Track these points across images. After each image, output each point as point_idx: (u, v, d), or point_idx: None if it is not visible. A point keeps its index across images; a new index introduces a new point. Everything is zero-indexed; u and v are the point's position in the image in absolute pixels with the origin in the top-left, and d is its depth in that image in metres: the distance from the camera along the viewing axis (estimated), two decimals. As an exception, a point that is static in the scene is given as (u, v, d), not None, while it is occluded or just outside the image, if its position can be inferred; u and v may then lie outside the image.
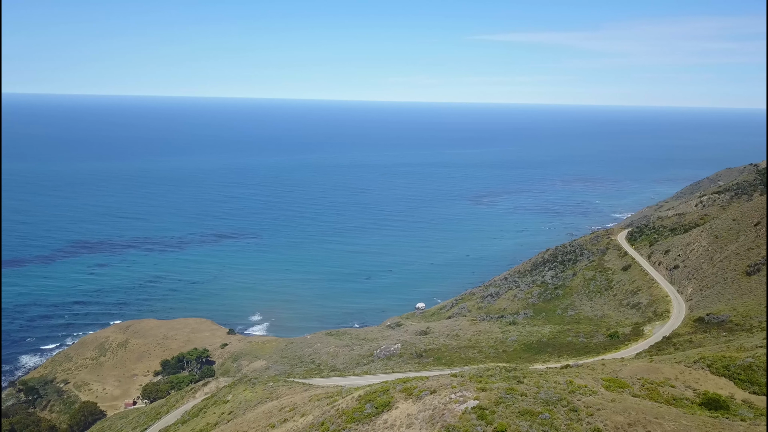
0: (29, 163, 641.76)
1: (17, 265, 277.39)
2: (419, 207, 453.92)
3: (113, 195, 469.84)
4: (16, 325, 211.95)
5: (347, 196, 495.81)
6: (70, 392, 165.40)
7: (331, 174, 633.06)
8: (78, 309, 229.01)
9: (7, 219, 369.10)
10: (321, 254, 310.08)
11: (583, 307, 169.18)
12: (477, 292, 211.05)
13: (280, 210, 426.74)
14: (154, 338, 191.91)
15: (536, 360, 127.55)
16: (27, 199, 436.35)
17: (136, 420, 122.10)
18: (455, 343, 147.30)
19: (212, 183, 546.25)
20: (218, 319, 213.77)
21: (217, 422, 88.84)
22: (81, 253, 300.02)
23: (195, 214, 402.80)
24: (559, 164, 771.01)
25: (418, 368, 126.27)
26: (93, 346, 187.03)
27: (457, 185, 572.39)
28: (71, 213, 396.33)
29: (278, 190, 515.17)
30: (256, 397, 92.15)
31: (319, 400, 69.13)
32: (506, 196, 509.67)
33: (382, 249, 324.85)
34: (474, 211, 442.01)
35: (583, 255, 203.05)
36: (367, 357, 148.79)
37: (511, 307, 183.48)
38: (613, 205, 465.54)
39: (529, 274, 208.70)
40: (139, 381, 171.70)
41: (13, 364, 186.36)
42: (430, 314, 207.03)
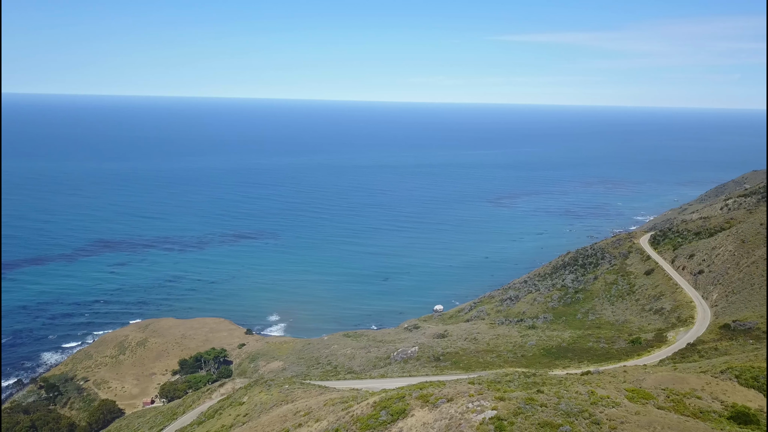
0: (52, 162, 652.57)
1: (40, 263, 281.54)
2: (438, 208, 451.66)
3: (134, 195, 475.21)
4: (38, 322, 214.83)
5: (366, 197, 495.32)
6: (90, 390, 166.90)
7: (349, 175, 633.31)
8: (98, 307, 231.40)
9: (31, 218, 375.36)
10: (339, 255, 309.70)
11: (605, 311, 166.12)
12: (496, 295, 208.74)
13: (298, 211, 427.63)
14: (173, 337, 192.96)
15: (556, 365, 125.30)
16: (50, 198, 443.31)
17: (153, 420, 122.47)
18: (473, 346, 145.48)
19: (231, 183, 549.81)
20: (236, 319, 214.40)
21: (232, 424, 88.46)
22: (102, 252, 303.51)
23: (214, 214, 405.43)
24: (581, 166, 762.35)
25: (435, 372, 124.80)
26: (113, 344, 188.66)
27: (476, 186, 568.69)
28: (93, 212, 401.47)
29: (297, 191, 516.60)
30: (271, 399, 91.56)
31: (334, 404, 68.17)
32: (526, 198, 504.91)
33: (400, 250, 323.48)
34: (493, 213, 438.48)
35: (604, 258, 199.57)
36: (384, 360, 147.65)
37: (530, 310, 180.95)
38: (635, 208, 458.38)
39: (549, 278, 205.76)
40: (158, 380, 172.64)
41: (35, 360, 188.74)
42: (448, 317, 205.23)
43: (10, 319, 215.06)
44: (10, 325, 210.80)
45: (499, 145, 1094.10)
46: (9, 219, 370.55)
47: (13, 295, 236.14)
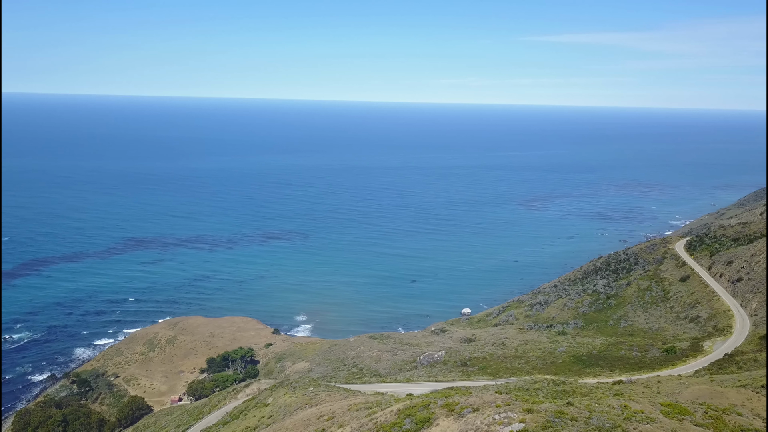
0: (85, 161, 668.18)
1: (75, 260, 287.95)
2: (468, 210, 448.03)
3: (165, 194, 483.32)
4: (71, 318, 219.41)
5: (394, 198, 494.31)
6: (120, 386, 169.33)
7: (378, 176, 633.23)
8: (129, 305, 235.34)
9: (66, 216, 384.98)
10: (367, 257, 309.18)
11: (638, 318, 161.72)
12: (525, 300, 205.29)
13: (327, 212, 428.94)
14: (201, 336, 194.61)
15: (586, 373, 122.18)
16: (84, 197, 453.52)
17: (179, 418, 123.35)
18: (501, 352, 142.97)
19: (261, 183, 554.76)
20: (264, 318, 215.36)
21: (256, 426, 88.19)
22: (133, 251, 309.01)
23: (244, 214, 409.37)
24: (614, 168, 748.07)
25: (461, 377, 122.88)
26: (142, 341, 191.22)
27: (507, 189, 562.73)
28: (125, 211, 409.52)
29: (325, 192, 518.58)
30: (295, 402, 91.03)
31: (358, 410, 67.14)
32: (557, 201, 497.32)
33: (428, 253, 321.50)
34: (524, 216, 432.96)
35: (637, 264, 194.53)
36: (410, 363, 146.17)
37: (560, 316, 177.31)
38: (670, 212, 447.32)
39: (580, 283, 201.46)
40: (186, 378, 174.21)
41: (67, 356, 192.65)
42: (475, 321, 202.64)
43: (45, 315, 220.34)
44: (45, 320, 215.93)
45: (529, 147, 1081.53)
46: (45, 217, 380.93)
47: (48, 292, 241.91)
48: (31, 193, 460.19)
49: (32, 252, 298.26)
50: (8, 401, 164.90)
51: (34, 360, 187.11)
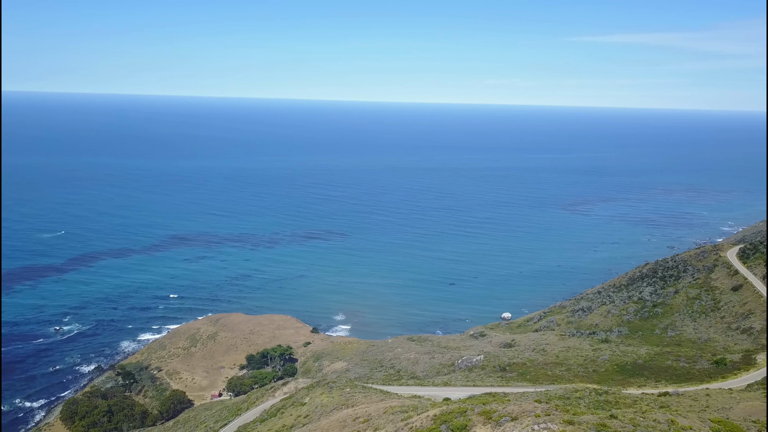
0: (130, 159, 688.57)
1: (121, 257, 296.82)
2: (509, 213, 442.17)
3: (208, 192, 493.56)
4: (118, 313, 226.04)
5: (434, 200, 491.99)
6: (162, 379, 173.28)
7: (419, 177, 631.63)
8: (172, 301, 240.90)
9: (112, 213, 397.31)
10: (405, 259, 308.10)
11: (686, 328, 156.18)
12: (567, 306, 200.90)
13: (366, 213, 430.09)
14: (241, 332, 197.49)
15: (630, 383, 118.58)
16: (130, 195, 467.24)
17: (218, 413, 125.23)
18: (541, 358, 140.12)
19: (302, 183, 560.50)
20: (302, 317, 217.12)
21: (293, 425, 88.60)
22: (177, 248, 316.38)
23: (284, 214, 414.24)
24: (662, 172, 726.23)
25: (500, 383, 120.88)
26: (185, 336, 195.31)
27: (549, 191, 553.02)
28: (169, 209, 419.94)
29: (365, 192, 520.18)
30: (332, 402, 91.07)
31: (394, 413, 66.49)
32: (602, 205, 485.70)
33: (468, 256, 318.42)
34: (567, 219, 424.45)
35: (686, 271, 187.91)
36: (448, 366, 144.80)
37: (603, 323, 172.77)
38: (721, 218, 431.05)
39: (625, 289, 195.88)
40: (226, 373, 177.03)
41: (113, 348, 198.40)
42: (515, 326, 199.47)
43: (93, 308, 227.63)
44: (92, 313, 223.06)
45: (574, 149, 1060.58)
46: (93, 214, 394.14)
47: (95, 287, 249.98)
48: (78, 190, 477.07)
49: (81, 247, 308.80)
50: (58, 390, 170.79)
51: (82, 351, 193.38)
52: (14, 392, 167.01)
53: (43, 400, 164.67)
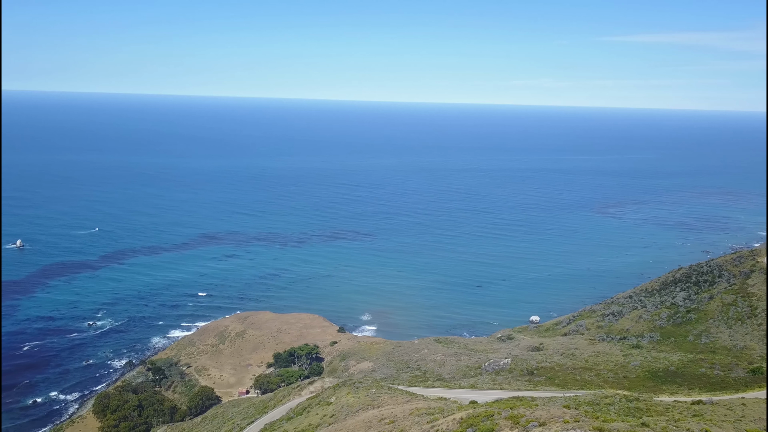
0: (161, 158, 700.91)
1: (152, 254, 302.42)
2: (538, 215, 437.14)
3: (237, 191, 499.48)
4: (149, 309, 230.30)
5: (462, 201, 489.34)
6: (191, 376, 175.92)
7: (447, 178, 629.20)
8: (202, 298, 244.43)
9: (144, 212, 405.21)
10: (433, 261, 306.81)
11: (720, 335, 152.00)
12: (597, 310, 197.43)
13: (393, 214, 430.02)
14: (269, 331, 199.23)
15: (662, 390, 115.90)
16: (161, 194, 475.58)
17: (245, 411, 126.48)
18: (570, 363, 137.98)
19: (330, 183, 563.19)
20: (329, 316, 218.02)
21: (318, 424, 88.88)
22: (207, 246, 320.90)
23: (313, 214, 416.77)
24: (697, 175, 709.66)
25: (528, 387, 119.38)
26: (214, 333, 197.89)
27: (580, 193, 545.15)
28: (198, 209, 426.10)
29: (393, 193, 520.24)
30: (358, 402, 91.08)
31: (420, 415, 66.12)
32: (634, 207, 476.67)
33: (496, 258, 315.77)
34: (598, 222, 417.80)
35: (722, 276, 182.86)
36: (475, 369, 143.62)
37: (635, 328, 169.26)
38: (759, 222, 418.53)
39: (658, 294, 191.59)
40: (253, 371, 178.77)
41: (144, 344, 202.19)
42: (544, 329, 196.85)
43: (125, 304, 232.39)
44: (124, 309, 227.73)
45: (606, 150, 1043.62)
46: (125, 212, 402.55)
47: (127, 284, 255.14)
48: (111, 189, 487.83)
49: (114, 245, 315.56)
50: (91, 384, 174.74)
51: (114, 346, 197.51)
52: (50, 385, 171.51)
53: (76, 393, 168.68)
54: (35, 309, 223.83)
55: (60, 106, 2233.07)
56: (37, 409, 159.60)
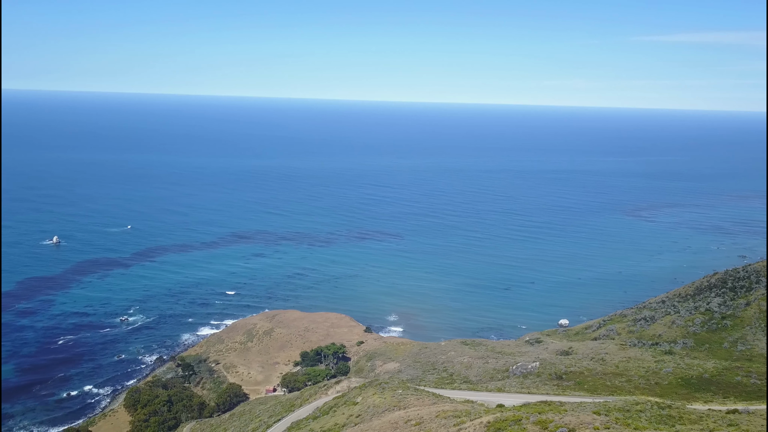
0: (191, 158, 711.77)
1: (183, 252, 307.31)
2: (568, 217, 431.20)
3: (266, 191, 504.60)
4: (179, 306, 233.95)
5: (491, 202, 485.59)
6: (220, 372, 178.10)
7: (475, 179, 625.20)
8: (230, 296, 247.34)
9: (175, 211, 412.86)
10: (460, 263, 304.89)
11: (758, 342, 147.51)
12: (628, 314, 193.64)
13: (421, 215, 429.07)
14: (296, 329, 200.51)
15: (695, 398, 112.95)
16: (194, 194, 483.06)
17: (272, 408, 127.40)
18: (600, 368, 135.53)
19: (358, 184, 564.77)
20: (356, 316, 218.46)
21: (345, 424, 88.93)
22: (236, 245, 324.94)
23: (340, 214, 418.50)
24: (734, 177, 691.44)
25: (556, 392, 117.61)
26: (242, 331, 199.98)
27: (612, 195, 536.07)
28: (228, 207, 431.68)
29: (421, 194, 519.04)
30: (384, 403, 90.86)
31: (446, 418, 65.60)
32: (668, 210, 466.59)
33: (524, 260, 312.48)
34: (630, 225, 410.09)
35: (759, 282, 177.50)
36: (502, 372, 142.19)
37: (667, 334, 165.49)
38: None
39: (692, 299, 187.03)
40: (280, 369, 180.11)
41: (174, 340, 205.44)
42: (573, 333, 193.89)
43: (156, 301, 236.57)
44: (155, 306, 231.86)
45: (638, 152, 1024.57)
46: (156, 211, 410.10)
47: (158, 282, 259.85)
48: (142, 188, 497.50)
49: (145, 243, 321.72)
50: (123, 379, 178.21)
51: (145, 342, 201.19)
52: (83, 378, 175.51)
53: (109, 388, 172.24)
54: (70, 304, 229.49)
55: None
56: (71, 402, 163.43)
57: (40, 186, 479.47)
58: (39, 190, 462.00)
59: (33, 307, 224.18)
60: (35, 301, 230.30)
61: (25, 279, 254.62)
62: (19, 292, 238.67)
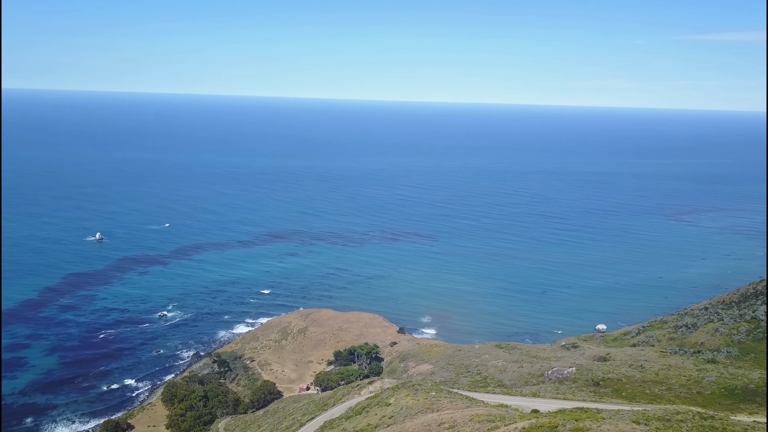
0: (228, 157, 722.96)
1: (219, 250, 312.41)
2: (607, 221, 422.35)
3: (302, 191, 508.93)
4: (215, 303, 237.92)
5: (528, 205, 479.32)
6: (254, 370, 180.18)
7: (512, 181, 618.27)
8: (266, 294, 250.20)
9: (212, 210, 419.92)
10: (495, 266, 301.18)
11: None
12: (669, 321, 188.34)
13: (455, 216, 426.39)
14: (330, 328, 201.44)
15: (740, 410, 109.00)
16: (230, 193, 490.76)
17: (306, 407, 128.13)
18: (639, 375, 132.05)
19: (392, 185, 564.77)
20: (389, 317, 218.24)
21: (377, 424, 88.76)
22: (271, 244, 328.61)
23: (374, 215, 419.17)
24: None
25: (593, 398, 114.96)
26: (277, 329, 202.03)
27: (653, 199, 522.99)
28: (264, 207, 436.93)
29: (455, 195, 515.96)
30: (417, 405, 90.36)
31: (480, 422, 64.72)
32: (712, 215, 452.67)
33: (561, 264, 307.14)
34: (672, 229, 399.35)
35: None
36: (537, 377, 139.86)
37: (710, 342, 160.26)
38: None
39: (736, 307, 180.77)
40: (314, 368, 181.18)
41: (210, 336, 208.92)
42: (611, 339, 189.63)
43: (193, 299, 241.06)
44: (193, 303, 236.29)
45: (682, 154, 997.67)
46: (193, 210, 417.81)
47: (195, 279, 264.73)
48: (181, 187, 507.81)
49: (183, 241, 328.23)
50: (161, 373, 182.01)
51: (182, 338, 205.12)
52: (123, 372, 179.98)
53: (147, 382, 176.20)
54: (111, 300, 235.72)
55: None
56: (111, 395, 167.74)
57: (82, 184, 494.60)
58: (81, 188, 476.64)
59: (75, 303, 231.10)
60: (78, 297, 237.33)
61: (68, 275, 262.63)
62: (63, 288, 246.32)
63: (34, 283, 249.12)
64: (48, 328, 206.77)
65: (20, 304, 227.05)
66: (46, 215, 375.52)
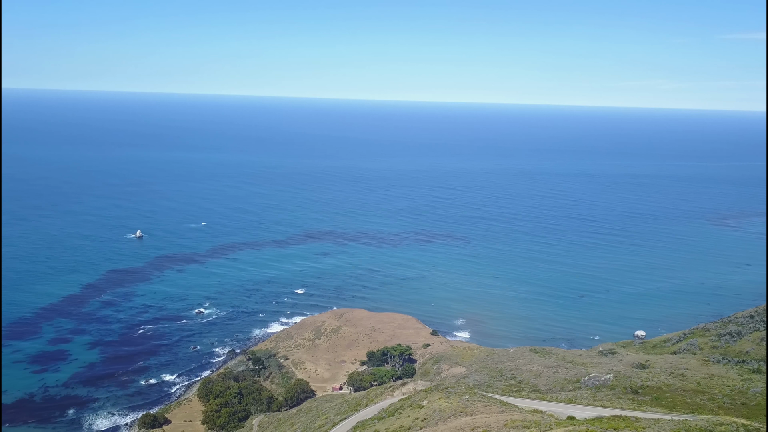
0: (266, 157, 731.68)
1: (255, 249, 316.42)
2: (648, 225, 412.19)
3: (337, 192, 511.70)
4: (250, 301, 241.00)
5: (565, 208, 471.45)
6: (288, 368, 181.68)
7: (549, 183, 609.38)
8: (300, 294, 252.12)
9: (247, 210, 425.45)
10: (531, 270, 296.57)
11: None
12: (712, 328, 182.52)
13: (490, 218, 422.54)
14: (363, 329, 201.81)
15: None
16: (265, 193, 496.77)
17: (339, 406, 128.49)
18: (680, 383, 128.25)
19: (426, 186, 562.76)
20: (422, 318, 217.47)
21: (410, 426, 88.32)
22: (305, 244, 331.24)
23: (408, 216, 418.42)
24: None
25: (631, 406, 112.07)
26: (311, 328, 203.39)
27: (695, 202, 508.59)
28: (299, 207, 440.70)
29: (490, 197, 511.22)
30: (450, 408, 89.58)
31: (515, 428, 63.67)
32: (758, 219, 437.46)
33: (599, 269, 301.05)
34: (714, 234, 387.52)
35: None
36: (573, 383, 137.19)
37: (756, 351, 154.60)
38: None
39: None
40: (347, 368, 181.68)
41: (245, 334, 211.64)
42: (650, 345, 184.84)
43: (229, 297, 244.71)
44: (229, 301, 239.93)
45: (725, 156, 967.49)
46: (229, 210, 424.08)
47: (231, 278, 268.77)
48: (216, 186, 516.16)
49: (219, 239, 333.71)
50: (197, 369, 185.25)
51: (218, 335, 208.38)
52: (161, 368, 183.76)
53: (184, 377, 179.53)
54: (149, 296, 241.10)
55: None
56: (150, 390, 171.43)
57: (120, 183, 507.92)
58: (120, 186, 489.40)
59: (115, 299, 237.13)
60: (117, 293, 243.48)
61: (108, 271, 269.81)
62: (103, 284, 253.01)
63: (76, 279, 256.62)
64: (89, 323, 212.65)
65: (63, 299, 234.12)
66: (87, 213, 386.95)
